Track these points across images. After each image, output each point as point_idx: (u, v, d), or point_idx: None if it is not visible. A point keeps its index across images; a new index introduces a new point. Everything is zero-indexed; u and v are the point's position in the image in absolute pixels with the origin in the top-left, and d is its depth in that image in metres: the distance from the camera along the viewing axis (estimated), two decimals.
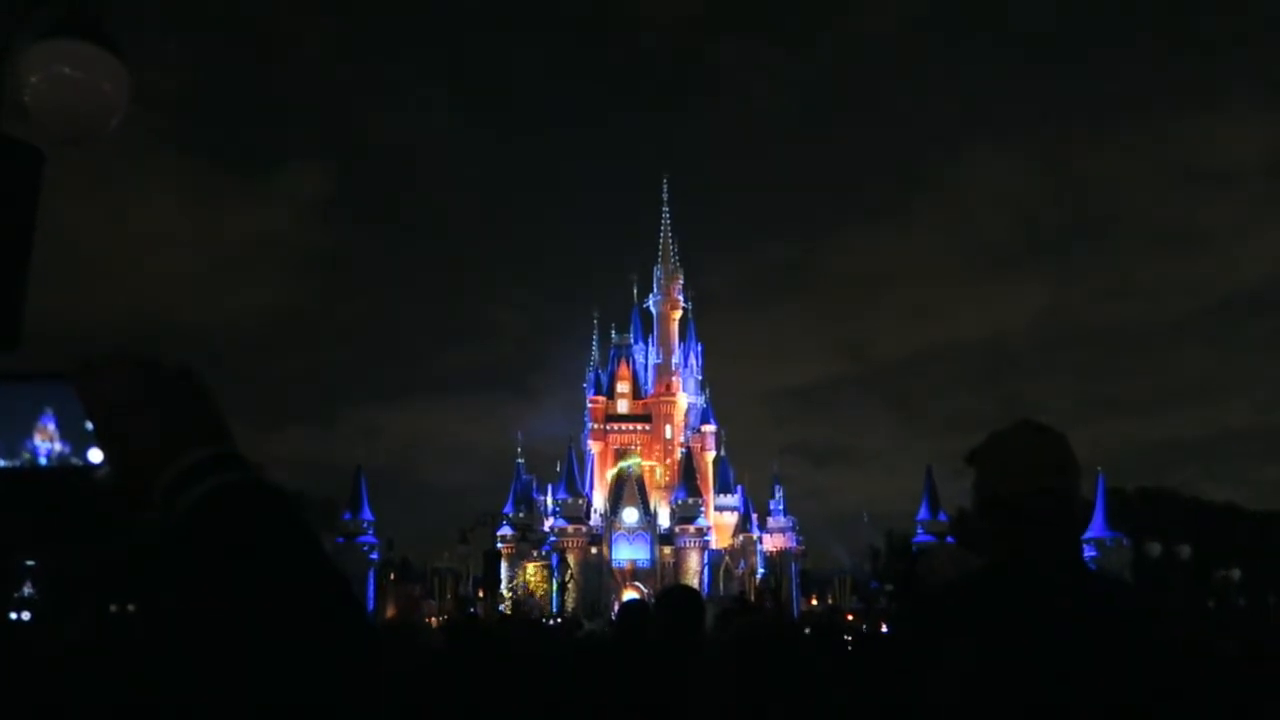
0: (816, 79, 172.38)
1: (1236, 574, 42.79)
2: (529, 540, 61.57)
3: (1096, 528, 51.74)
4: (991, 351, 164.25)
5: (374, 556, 53.88)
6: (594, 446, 71.42)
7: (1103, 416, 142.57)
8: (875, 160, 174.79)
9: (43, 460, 1.12)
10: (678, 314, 73.70)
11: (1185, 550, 39.71)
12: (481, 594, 47.57)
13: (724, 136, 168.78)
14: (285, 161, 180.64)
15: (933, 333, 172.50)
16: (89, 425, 1.02)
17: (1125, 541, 50.17)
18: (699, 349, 75.13)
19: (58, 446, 1.12)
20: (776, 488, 71.30)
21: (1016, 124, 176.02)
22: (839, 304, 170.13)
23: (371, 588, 51.79)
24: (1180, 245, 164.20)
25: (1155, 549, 40.11)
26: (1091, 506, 51.92)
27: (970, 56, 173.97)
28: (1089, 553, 50.67)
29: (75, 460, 1.10)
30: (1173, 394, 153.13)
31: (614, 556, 64.73)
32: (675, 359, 72.44)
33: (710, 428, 72.00)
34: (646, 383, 72.69)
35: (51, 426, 1.11)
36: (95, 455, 1.09)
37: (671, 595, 4.63)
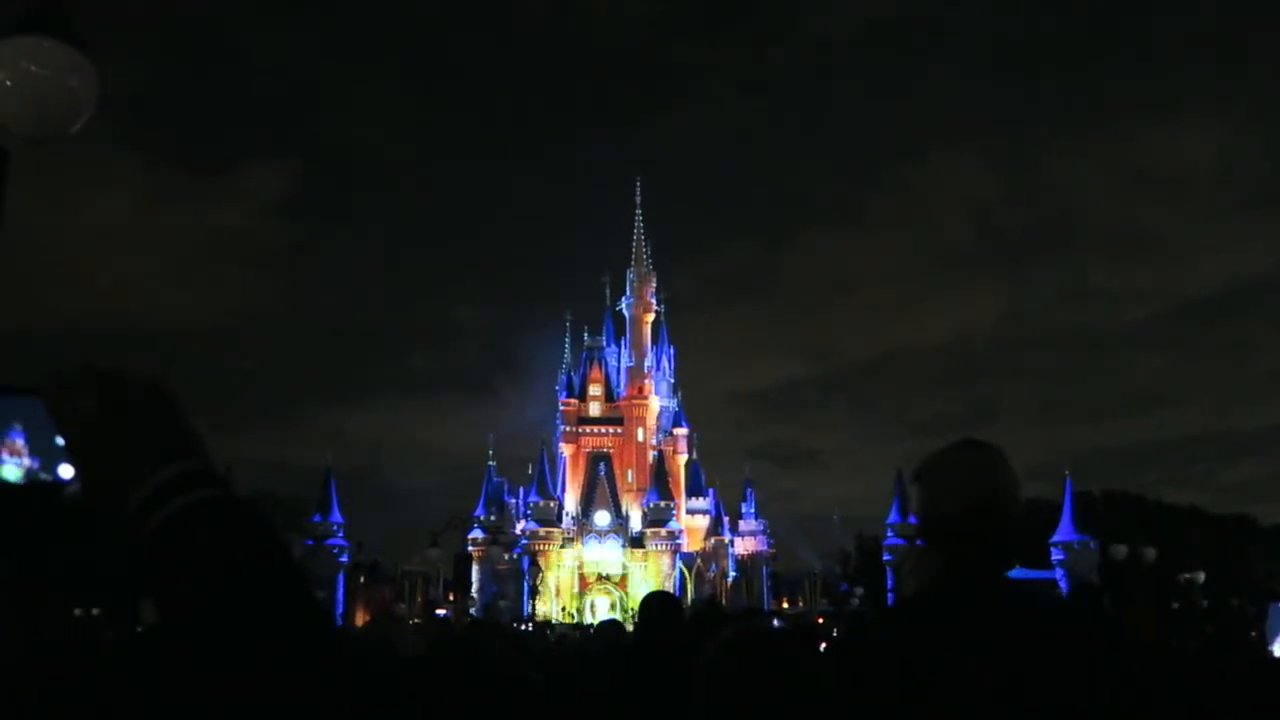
0: (778, 81, 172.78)
1: (1200, 577, 43.32)
2: (500, 543, 61.33)
3: (1064, 531, 52.19)
4: (955, 354, 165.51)
5: (344, 559, 53.48)
6: (566, 449, 71.27)
7: (1065, 420, 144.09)
8: (838, 162, 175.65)
9: (11, 476, 1.10)
10: (650, 317, 73.70)
11: (1150, 553, 40.18)
12: (452, 597, 47.33)
13: (687, 139, 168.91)
14: (247, 160, 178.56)
15: (897, 335, 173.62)
16: (60, 441, 1.01)
17: (1092, 545, 50.66)
18: (671, 352, 75.22)
19: (27, 462, 1.09)
20: (748, 490, 71.59)
21: (976, 128, 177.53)
22: (804, 306, 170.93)
23: (341, 591, 51.44)
24: (1137, 251, 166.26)
25: (1121, 552, 40.57)
26: (1059, 510, 52.40)
27: (931, 60, 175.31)
28: (1057, 556, 51.17)
29: (45, 476, 1.08)
30: (1131, 399, 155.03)
31: (585, 559, 64.64)
32: (647, 362, 72.44)
33: (682, 431, 72.06)
34: (619, 385, 72.63)
35: (21, 442, 1.09)
36: (66, 471, 1.07)
37: (652, 602, 4.63)
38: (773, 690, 1.73)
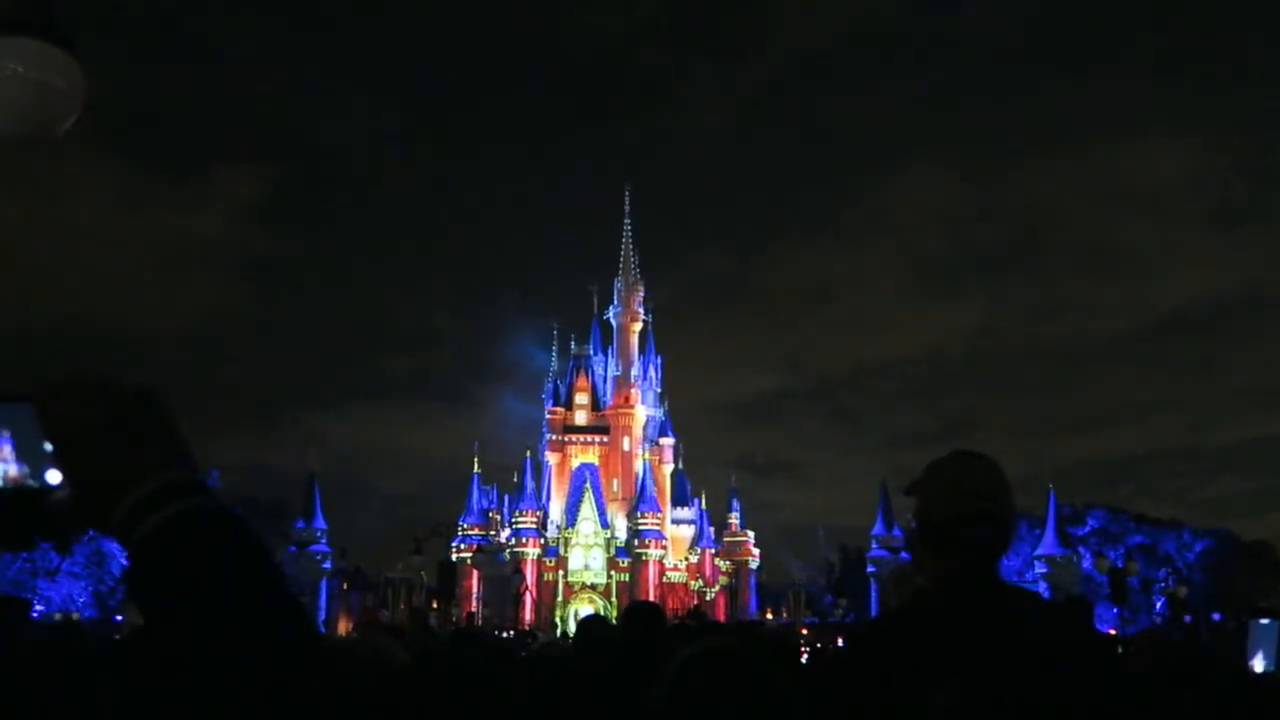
0: (760, 92, 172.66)
1: (1183, 592, 43.57)
2: (484, 551, 61.15)
3: (1048, 544, 52.35)
4: (932, 367, 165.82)
5: (327, 565, 53.25)
6: (552, 458, 71.12)
7: (1041, 433, 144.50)
8: (814, 175, 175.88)
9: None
10: (637, 325, 73.60)
11: (1134, 567, 40.40)
12: (435, 605, 47.10)
13: (674, 147, 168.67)
14: (220, 164, 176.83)
15: (876, 347, 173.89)
16: (48, 447, 1.02)
17: (1075, 558, 50.87)
18: (658, 361, 75.18)
19: (14, 468, 1.09)
20: (734, 501, 71.52)
21: (952, 143, 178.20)
22: (785, 317, 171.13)
23: (324, 598, 51.21)
24: (1109, 267, 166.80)
25: (1103, 565, 40.79)
26: (1039, 523, 52.53)
27: (908, 74, 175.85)
28: (1041, 569, 51.31)
29: (32, 482, 1.07)
30: (1106, 413, 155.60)
31: (570, 568, 64.50)
32: (634, 371, 72.36)
33: (668, 440, 71.98)
34: (605, 394, 72.55)
35: (8, 448, 1.08)
36: (53, 477, 1.06)
37: (635, 612, 4.62)
38: (732, 707, 1.73)
